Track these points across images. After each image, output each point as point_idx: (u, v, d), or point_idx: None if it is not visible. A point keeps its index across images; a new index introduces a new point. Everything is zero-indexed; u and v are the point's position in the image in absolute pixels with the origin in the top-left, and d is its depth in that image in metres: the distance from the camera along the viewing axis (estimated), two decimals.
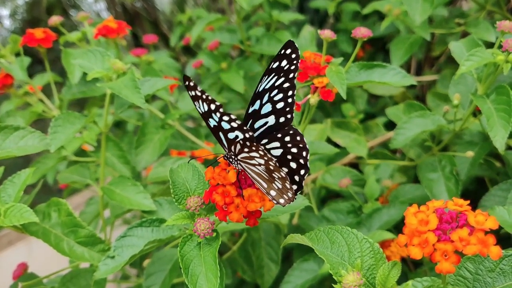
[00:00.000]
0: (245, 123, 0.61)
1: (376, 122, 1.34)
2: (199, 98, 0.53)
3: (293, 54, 0.59)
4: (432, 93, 1.18)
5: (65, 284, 0.76)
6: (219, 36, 1.43)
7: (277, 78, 0.59)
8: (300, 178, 0.58)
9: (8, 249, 2.68)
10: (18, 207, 0.67)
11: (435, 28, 1.28)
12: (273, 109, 0.60)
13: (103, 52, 0.82)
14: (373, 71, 0.84)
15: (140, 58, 1.43)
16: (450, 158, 0.94)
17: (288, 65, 0.59)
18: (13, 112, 1.01)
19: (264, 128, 0.60)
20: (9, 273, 0.93)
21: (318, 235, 0.54)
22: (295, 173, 0.58)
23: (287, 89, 0.59)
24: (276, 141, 0.59)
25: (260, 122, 0.60)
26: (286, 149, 0.58)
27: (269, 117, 0.60)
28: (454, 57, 0.88)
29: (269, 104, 0.60)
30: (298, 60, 0.59)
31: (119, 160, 0.95)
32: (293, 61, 0.59)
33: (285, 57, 0.59)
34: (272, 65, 0.59)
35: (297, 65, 0.59)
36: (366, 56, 1.74)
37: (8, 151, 0.73)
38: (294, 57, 0.59)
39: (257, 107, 0.60)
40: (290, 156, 0.58)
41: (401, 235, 0.46)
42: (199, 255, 0.57)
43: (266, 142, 0.60)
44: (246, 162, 0.55)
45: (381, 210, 0.96)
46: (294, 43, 0.59)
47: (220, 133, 0.56)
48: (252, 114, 0.61)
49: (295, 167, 0.58)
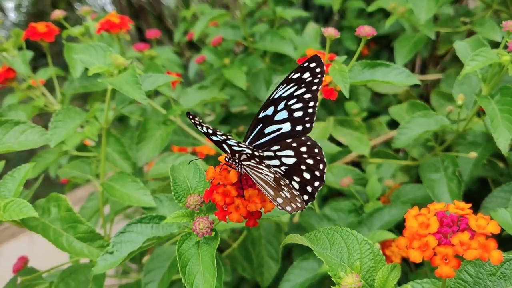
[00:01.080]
0: (253, 127, 0.61)
1: (379, 120, 1.33)
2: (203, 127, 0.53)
3: (318, 68, 0.59)
4: (436, 92, 1.17)
5: (64, 280, 0.76)
6: (223, 32, 1.42)
7: (296, 88, 0.59)
8: (313, 189, 0.57)
9: (10, 241, 2.69)
10: (18, 202, 0.67)
11: (440, 26, 1.27)
12: (290, 117, 0.59)
13: (105, 47, 0.81)
14: (376, 70, 0.84)
15: (142, 53, 1.42)
16: (452, 159, 0.93)
17: (311, 77, 0.59)
18: (15, 106, 1.01)
19: (276, 134, 0.60)
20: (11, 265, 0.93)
21: (317, 235, 0.54)
22: (308, 183, 0.57)
23: (309, 100, 0.59)
24: (290, 150, 0.58)
25: (273, 127, 0.60)
26: (300, 159, 0.58)
27: (284, 124, 0.60)
28: (459, 57, 0.87)
29: (285, 112, 0.60)
30: (323, 75, 0.59)
31: (120, 156, 0.95)
32: (317, 74, 0.59)
33: (309, 70, 0.59)
34: (292, 75, 0.59)
35: (321, 79, 0.59)
36: (370, 54, 1.72)
37: (8, 146, 0.73)
38: (319, 71, 0.59)
39: (269, 113, 0.60)
40: (304, 167, 0.57)
41: (401, 238, 0.45)
42: (197, 254, 0.57)
43: (278, 149, 0.59)
44: (251, 168, 0.55)
45: (382, 210, 0.95)
46: (320, 58, 0.59)
47: (223, 144, 0.55)
48: (263, 119, 0.60)
49: (308, 178, 0.57)
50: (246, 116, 1.59)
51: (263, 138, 0.60)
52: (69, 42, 1.06)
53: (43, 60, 2.35)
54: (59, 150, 0.99)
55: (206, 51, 1.48)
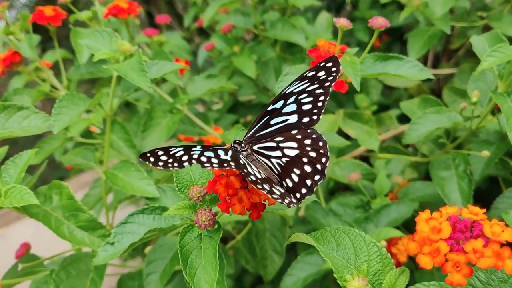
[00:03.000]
0: (260, 118, 0.61)
1: (389, 114, 1.31)
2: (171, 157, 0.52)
3: (334, 68, 0.59)
4: (449, 87, 1.14)
5: (65, 268, 0.75)
6: (233, 19, 1.40)
7: (309, 85, 0.59)
8: (312, 183, 0.56)
9: (17, 223, 2.69)
10: (19, 188, 0.66)
11: (456, 21, 1.24)
12: (298, 109, 0.59)
13: (111, 33, 0.79)
14: (388, 63, 0.81)
15: (151, 38, 1.41)
16: (464, 157, 0.91)
17: (325, 75, 0.59)
18: (20, 91, 0.99)
19: (282, 125, 0.60)
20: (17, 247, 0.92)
21: (324, 235, 0.52)
22: (308, 177, 0.56)
23: (320, 94, 0.59)
24: (294, 141, 0.58)
25: (279, 119, 0.60)
26: (303, 151, 0.57)
27: (291, 116, 0.60)
28: (475, 52, 0.84)
29: (294, 105, 0.60)
30: (338, 74, 0.59)
31: (125, 144, 0.94)
32: (332, 73, 0.59)
33: (325, 69, 0.59)
34: (307, 74, 0.59)
35: (336, 77, 0.58)
36: (382, 46, 1.69)
37: (11, 131, 0.71)
38: (335, 70, 0.59)
39: (278, 106, 0.60)
40: (306, 159, 0.56)
41: (411, 242, 0.43)
42: (199, 247, 0.55)
43: (281, 140, 0.59)
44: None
45: (389, 207, 0.93)
46: (338, 59, 0.59)
47: None
48: (271, 111, 0.60)
49: (309, 171, 0.56)
50: (254, 106, 1.57)
51: (268, 128, 0.61)
52: (76, 27, 1.05)
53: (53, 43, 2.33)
54: (64, 136, 0.98)
55: (215, 38, 1.46)
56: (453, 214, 0.44)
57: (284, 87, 0.80)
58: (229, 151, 0.54)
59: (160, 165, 0.51)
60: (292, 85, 0.60)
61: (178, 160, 0.51)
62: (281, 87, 0.80)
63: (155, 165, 0.51)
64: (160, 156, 0.52)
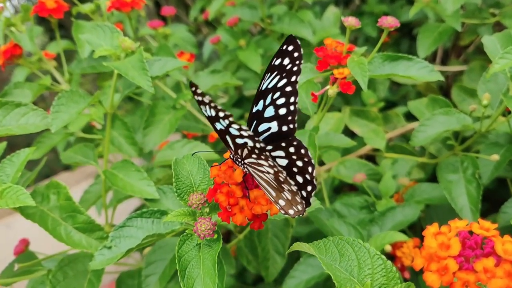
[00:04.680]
0: (249, 125, 0.55)
1: (396, 112, 1.28)
2: (206, 104, 0.48)
3: (295, 53, 0.53)
4: (458, 86, 1.11)
5: (62, 268, 0.73)
6: (239, 12, 1.38)
7: (279, 78, 0.54)
8: (307, 194, 0.52)
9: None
10: (15, 188, 0.64)
11: (467, 17, 1.20)
12: (276, 114, 0.54)
13: (112, 28, 0.77)
14: (397, 63, 0.79)
15: (156, 30, 1.38)
16: (473, 160, 0.88)
17: (290, 64, 0.53)
18: (21, 84, 0.97)
19: (268, 134, 0.55)
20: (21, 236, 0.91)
21: (326, 245, 0.50)
22: (302, 188, 0.53)
23: (289, 94, 0.54)
24: (281, 150, 0.54)
25: (264, 126, 0.55)
26: (291, 160, 0.53)
27: (272, 123, 0.54)
28: (486, 52, 0.82)
29: (271, 108, 0.54)
30: (301, 61, 0.53)
31: (126, 141, 0.92)
32: (295, 60, 0.53)
33: (287, 54, 0.53)
34: (274, 62, 0.54)
35: (300, 67, 0.53)
36: (391, 41, 1.66)
37: (8, 129, 0.70)
38: (297, 56, 0.53)
39: (260, 108, 0.55)
40: (296, 169, 0.52)
41: (417, 257, 0.42)
42: (198, 256, 0.53)
43: (271, 149, 0.54)
44: (253, 168, 0.51)
45: (395, 209, 0.91)
46: (297, 40, 0.53)
47: (226, 136, 0.51)
48: (256, 114, 0.55)
49: (301, 182, 0.52)
50: None
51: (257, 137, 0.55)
52: (80, 19, 1.03)
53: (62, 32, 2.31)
54: (65, 131, 0.96)
55: (221, 31, 1.44)
56: (462, 229, 0.42)
57: None
58: None
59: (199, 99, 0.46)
60: (265, 79, 0.54)
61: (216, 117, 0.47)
62: None
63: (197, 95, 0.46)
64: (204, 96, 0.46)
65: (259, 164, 0.49)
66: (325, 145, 0.94)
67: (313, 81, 0.84)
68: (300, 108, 0.85)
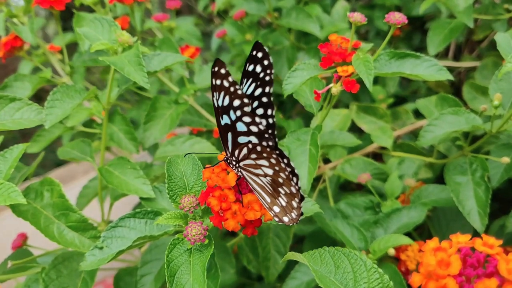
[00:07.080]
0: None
1: (406, 108, 1.25)
2: (223, 90, 0.45)
3: (265, 61, 0.50)
4: (469, 84, 1.08)
5: (56, 267, 0.72)
6: (246, 6, 1.34)
7: (255, 86, 0.51)
8: (297, 205, 0.49)
9: None
10: (7, 186, 0.63)
11: (480, 13, 1.16)
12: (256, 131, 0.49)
13: (111, 22, 0.75)
14: (404, 61, 0.75)
15: (161, 23, 1.36)
16: (482, 162, 0.85)
17: (262, 73, 0.50)
18: (22, 77, 0.96)
19: None
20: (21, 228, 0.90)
21: (322, 255, 0.48)
22: (293, 197, 0.50)
23: (266, 105, 0.51)
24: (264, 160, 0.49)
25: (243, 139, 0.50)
26: (274, 170, 0.49)
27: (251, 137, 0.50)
28: (499, 51, 0.78)
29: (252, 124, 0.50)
30: (272, 70, 0.50)
31: (126, 136, 0.90)
32: (266, 69, 0.50)
33: (258, 61, 0.50)
34: (247, 67, 0.51)
35: (271, 77, 0.50)
36: (402, 35, 1.62)
37: (2, 124, 0.68)
38: (267, 65, 0.50)
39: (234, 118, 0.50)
40: (281, 180, 0.49)
41: (415, 274, 0.39)
42: (188, 261, 0.51)
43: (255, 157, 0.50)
44: (248, 171, 0.48)
45: (400, 211, 0.88)
46: (263, 46, 0.49)
47: (228, 134, 0.48)
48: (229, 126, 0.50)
49: (289, 192, 0.50)
50: None
51: None
52: (83, 11, 1.00)
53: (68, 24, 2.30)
54: (64, 125, 0.95)
55: (227, 25, 1.41)
56: (464, 245, 0.39)
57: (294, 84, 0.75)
58: None
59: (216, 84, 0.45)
60: (243, 84, 0.51)
61: None
62: (289, 83, 0.75)
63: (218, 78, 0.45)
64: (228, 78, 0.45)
65: (256, 165, 0.46)
66: (329, 144, 0.91)
67: (318, 78, 0.81)
68: (304, 105, 0.82)
